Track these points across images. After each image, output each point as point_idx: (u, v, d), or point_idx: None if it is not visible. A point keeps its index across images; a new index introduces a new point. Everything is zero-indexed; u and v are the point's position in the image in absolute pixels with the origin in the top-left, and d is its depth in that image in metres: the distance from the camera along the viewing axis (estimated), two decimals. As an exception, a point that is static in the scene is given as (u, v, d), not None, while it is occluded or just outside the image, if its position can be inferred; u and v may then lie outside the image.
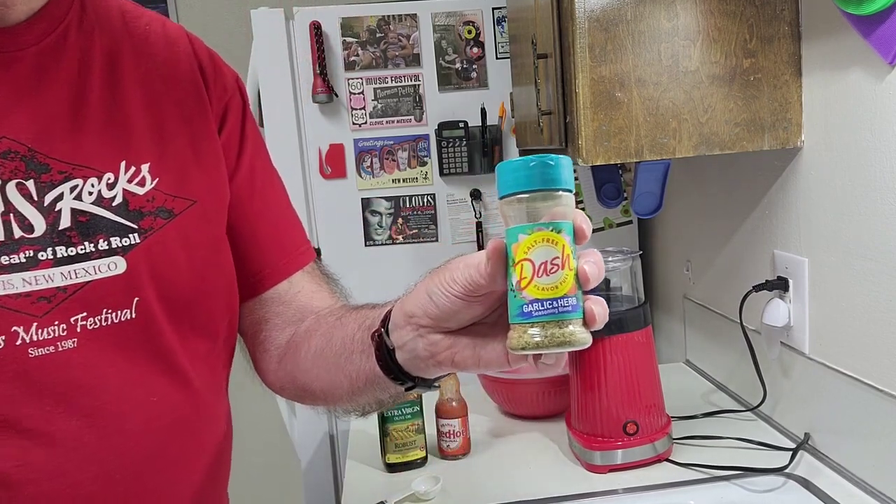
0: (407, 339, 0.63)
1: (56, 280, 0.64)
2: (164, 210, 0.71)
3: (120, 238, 0.67)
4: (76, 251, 0.65)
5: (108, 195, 0.68)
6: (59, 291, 0.64)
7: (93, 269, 0.65)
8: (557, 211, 0.53)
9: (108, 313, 0.66)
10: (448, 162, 1.81)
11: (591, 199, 1.84)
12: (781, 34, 1.14)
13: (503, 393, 1.45)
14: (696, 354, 1.69)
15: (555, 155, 0.54)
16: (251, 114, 0.86)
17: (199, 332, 0.75)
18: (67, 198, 0.65)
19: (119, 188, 0.68)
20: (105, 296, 0.66)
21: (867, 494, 1.05)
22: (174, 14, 2.70)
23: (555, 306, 0.52)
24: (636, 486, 1.14)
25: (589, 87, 1.12)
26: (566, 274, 0.52)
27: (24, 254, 0.63)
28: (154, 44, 0.76)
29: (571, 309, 0.53)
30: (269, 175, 0.87)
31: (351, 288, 1.81)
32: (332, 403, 0.80)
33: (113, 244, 0.67)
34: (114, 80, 0.72)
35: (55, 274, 0.64)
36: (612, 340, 1.17)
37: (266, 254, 0.84)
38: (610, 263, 1.23)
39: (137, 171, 0.70)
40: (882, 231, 0.99)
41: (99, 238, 0.66)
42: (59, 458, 0.64)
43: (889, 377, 1.00)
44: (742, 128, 1.15)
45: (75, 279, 0.65)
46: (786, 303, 1.22)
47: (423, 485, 1.16)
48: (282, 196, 0.89)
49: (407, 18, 1.79)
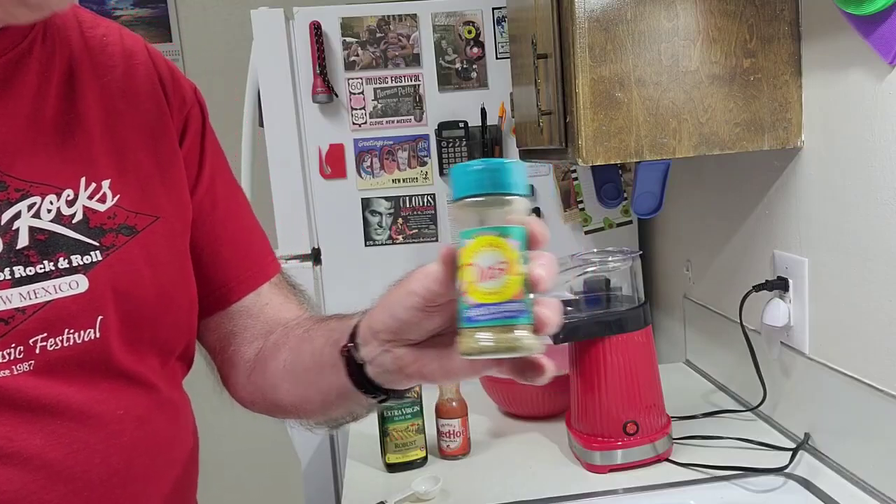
0: (375, 355, 0.63)
1: (14, 301, 0.61)
2: (126, 227, 0.69)
3: (81, 256, 0.65)
4: (35, 270, 0.63)
5: (68, 212, 0.66)
6: (17, 313, 0.61)
7: (53, 288, 0.63)
8: (505, 215, 0.53)
9: (70, 333, 0.64)
10: (448, 162, 1.81)
11: (591, 199, 1.84)
12: (781, 34, 1.14)
13: (503, 393, 1.45)
14: (697, 354, 1.69)
15: (508, 160, 0.54)
16: (211, 126, 0.84)
17: (162, 347, 0.74)
18: (25, 216, 0.63)
19: (79, 205, 0.66)
20: (66, 316, 0.64)
21: (867, 494, 1.05)
22: (174, 14, 2.70)
23: (499, 311, 0.52)
24: (636, 486, 1.14)
25: (589, 87, 1.12)
26: (511, 279, 0.52)
27: None
28: (112, 55, 0.74)
29: (517, 314, 0.52)
30: (230, 187, 0.86)
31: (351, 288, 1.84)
32: (304, 417, 0.80)
33: (74, 262, 0.65)
34: (72, 94, 0.69)
35: (13, 295, 0.61)
36: (612, 340, 1.17)
37: (232, 267, 0.83)
38: (610, 263, 1.23)
39: (98, 187, 0.68)
40: (882, 231, 0.99)
41: (59, 256, 0.64)
42: (25, 479, 0.62)
43: (889, 377, 1.00)
44: (742, 128, 1.15)
45: (34, 299, 0.62)
46: (786, 303, 1.22)
47: (423, 485, 1.16)
48: (245, 208, 0.87)
49: (407, 18, 1.79)
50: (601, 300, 1.24)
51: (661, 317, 1.89)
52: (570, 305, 1.24)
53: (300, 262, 1.83)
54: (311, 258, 1.84)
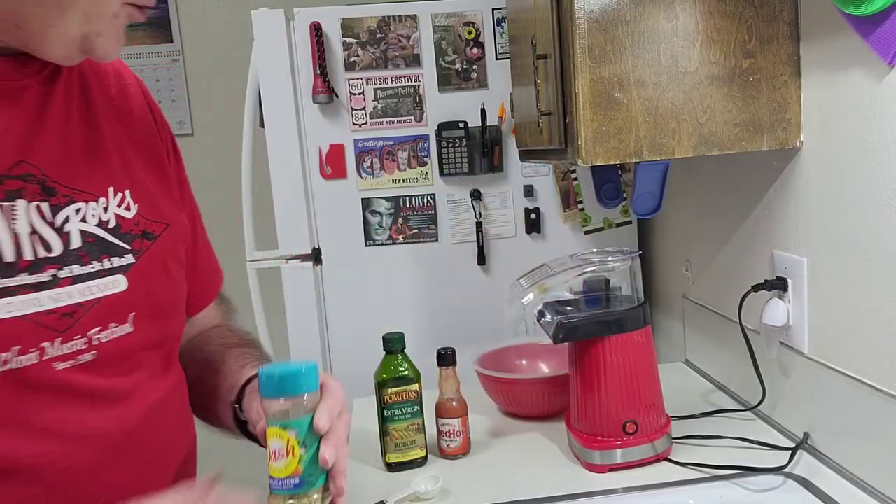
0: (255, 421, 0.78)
1: (75, 297, 0.69)
2: (147, 233, 0.77)
3: (119, 258, 0.73)
4: (87, 270, 0.70)
5: (104, 218, 0.73)
6: (78, 308, 0.69)
7: (102, 286, 0.71)
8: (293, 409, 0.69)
9: (114, 327, 0.72)
10: (448, 162, 1.81)
11: (591, 199, 1.84)
12: (780, 35, 1.14)
13: (503, 393, 1.45)
14: (696, 354, 1.69)
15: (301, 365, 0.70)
16: (179, 149, 0.93)
17: (171, 337, 0.83)
18: (74, 220, 0.70)
19: (111, 212, 0.74)
20: (111, 312, 0.72)
21: (866, 494, 1.05)
22: (174, 14, 2.71)
23: (287, 483, 0.69)
24: (636, 486, 1.14)
25: (588, 87, 1.12)
26: (290, 460, 0.69)
27: (48, 273, 0.67)
28: (107, 75, 0.80)
29: (299, 485, 0.69)
30: (195, 205, 0.95)
31: (351, 288, 1.86)
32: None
33: (115, 263, 0.73)
34: (88, 110, 0.76)
35: (74, 291, 0.69)
36: (612, 340, 1.18)
37: (198, 282, 0.92)
38: (609, 263, 1.24)
39: (123, 196, 0.76)
40: (881, 231, 1.00)
41: (104, 258, 0.72)
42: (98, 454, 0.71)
43: (888, 377, 1.01)
44: (741, 128, 1.16)
45: (89, 296, 0.70)
46: (785, 303, 1.22)
47: (423, 484, 1.17)
48: (202, 223, 0.97)
49: (407, 19, 1.79)
50: (601, 300, 1.24)
51: (660, 317, 1.89)
52: (569, 305, 1.24)
53: (300, 262, 1.84)
54: (311, 258, 1.84)
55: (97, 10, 0.66)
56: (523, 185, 1.85)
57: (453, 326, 1.86)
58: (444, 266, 1.87)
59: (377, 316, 1.84)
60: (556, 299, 1.25)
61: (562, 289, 1.24)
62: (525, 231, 1.87)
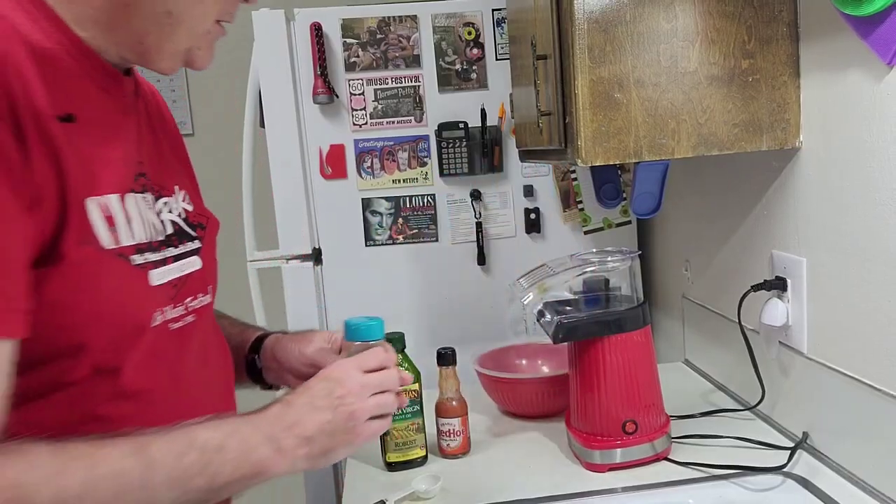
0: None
1: (175, 272, 0.83)
2: (201, 224, 0.93)
3: (192, 242, 0.89)
4: (179, 251, 0.85)
5: (179, 211, 0.89)
6: (180, 281, 0.84)
7: (188, 265, 0.86)
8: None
9: (201, 297, 0.88)
10: (448, 162, 1.82)
11: (591, 200, 1.84)
12: (780, 35, 1.14)
13: (503, 392, 1.45)
14: (695, 354, 1.69)
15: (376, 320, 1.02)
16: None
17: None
18: (164, 211, 0.86)
19: (181, 205, 0.90)
20: (197, 284, 0.88)
21: (866, 494, 1.05)
22: (175, 15, 2.71)
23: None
24: (635, 485, 1.15)
25: (588, 87, 1.13)
26: None
27: (162, 252, 0.82)
28: (143, 83, 0.92)
29: None
30: None
31: (351, 288, 1.89)
32: None
33: (191, 247, 0.88)
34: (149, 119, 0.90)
35: (174, 268, 0.83)
36: (612, 340, 1.18)
37: None
38: (609, 263, 1.24)
39: (185, 193, 0.92)
40: (880, 231, 1.00)
41: (186, 242, 0.87)
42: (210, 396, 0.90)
43: (887, 377, 1.01)
44: (740, 128, 1.16)
45: (185, 271, 0.85)
46: (784, 302, 1.23)
47: (423, 483, 1.17)
48: None
49: (407, 20, 1.79)
50: (600, 300, 1.25)
51: (660, 316, 1.89)
52: (569, 305, 1.24)
53: (301, 262, 1.84)
54: (311, 258, 1.84)
55: (198, 27, 0.81)
56: (523, 186, 1.85)
57: (453, 326, 1.86)
58: (444, 266, 1.87)
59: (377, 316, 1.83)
60: (555, 299, 1.25)
61: (562, 289, 1.25)
62: (525, 231, 1.87)
